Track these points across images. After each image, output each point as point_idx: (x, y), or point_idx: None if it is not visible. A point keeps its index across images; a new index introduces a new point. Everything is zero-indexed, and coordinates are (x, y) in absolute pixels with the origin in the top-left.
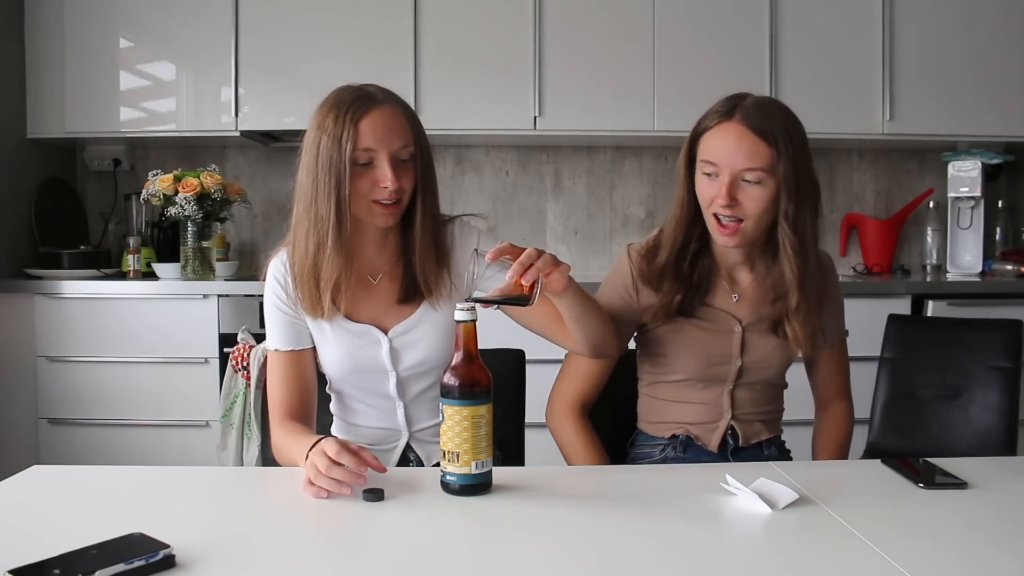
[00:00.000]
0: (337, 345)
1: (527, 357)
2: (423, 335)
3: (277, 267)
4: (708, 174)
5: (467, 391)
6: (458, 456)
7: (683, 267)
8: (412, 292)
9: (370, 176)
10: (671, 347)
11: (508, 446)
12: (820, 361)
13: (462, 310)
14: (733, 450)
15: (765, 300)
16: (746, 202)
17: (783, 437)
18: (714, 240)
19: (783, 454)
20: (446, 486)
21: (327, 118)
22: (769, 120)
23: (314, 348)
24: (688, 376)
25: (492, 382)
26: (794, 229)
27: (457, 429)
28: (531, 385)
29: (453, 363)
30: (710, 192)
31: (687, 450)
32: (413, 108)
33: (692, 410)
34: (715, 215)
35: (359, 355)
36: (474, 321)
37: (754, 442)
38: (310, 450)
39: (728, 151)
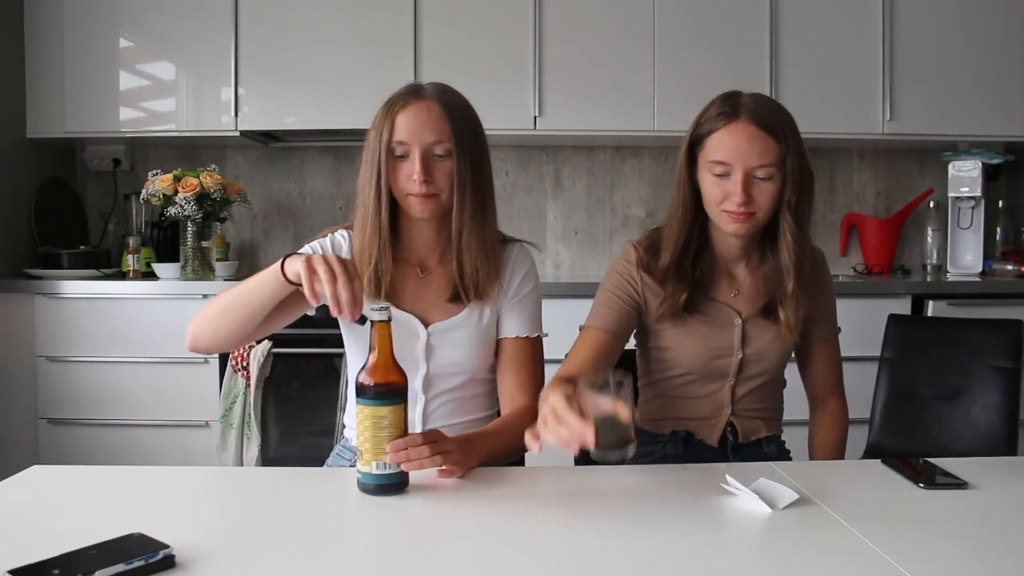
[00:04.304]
0: None
1: None
2: (464, 337)
3: (334, 242)
4: (719, 175)
5: (370, 391)
6: (361, 454)
7: (686, 267)
8: (460, 292)
9: (405, 169)
10: (674, 341)
11: None
12: (812, 356)
13: (374, 309)
14: (733, 447)
15: (761, 292)
16: (759, 197)
17: (783, 438)
18: (715, 235)
19: (783, 454)
20: (356, 481)
21: (377, 114)
22: (773, 115)
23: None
24: (690, 370)
25: (404, 385)
26: (795, 218)
27: (360, 427)
28: None
29: (365, 363)
30: (719, 192)
31: (687, 447)
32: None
33: (693, 405)
34: (725, 211)
35: (396, 344)
36: (385, 321)
37: (753, 439)
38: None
39: (740, 150)
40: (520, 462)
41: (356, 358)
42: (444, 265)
